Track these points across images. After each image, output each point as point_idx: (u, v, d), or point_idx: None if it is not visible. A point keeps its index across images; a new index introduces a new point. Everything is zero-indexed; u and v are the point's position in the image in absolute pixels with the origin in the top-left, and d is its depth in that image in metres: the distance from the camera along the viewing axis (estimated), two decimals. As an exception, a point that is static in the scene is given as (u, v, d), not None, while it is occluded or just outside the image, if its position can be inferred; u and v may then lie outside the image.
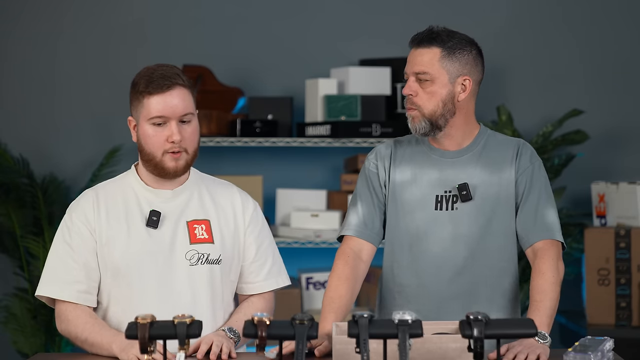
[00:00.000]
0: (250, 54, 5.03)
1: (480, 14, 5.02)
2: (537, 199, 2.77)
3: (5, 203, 4.77)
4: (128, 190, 2.75)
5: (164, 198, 2.74)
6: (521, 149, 2.81)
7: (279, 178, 4.95)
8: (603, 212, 4.64)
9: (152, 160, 2.69)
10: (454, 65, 2.74)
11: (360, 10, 5.05)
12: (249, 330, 2.23)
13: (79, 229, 2.71)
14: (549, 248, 2.72)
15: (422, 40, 2.75)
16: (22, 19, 5.04)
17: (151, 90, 2.65)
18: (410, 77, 2.75)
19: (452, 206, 2.77)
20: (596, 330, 4.30)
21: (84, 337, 2.66)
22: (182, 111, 2.67)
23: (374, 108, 4.67)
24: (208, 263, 2.73)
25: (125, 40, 5.03)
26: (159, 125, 2.67)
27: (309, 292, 4.78)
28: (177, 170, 2.70)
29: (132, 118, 2.72)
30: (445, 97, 2.74)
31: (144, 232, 2.70)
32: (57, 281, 2.69)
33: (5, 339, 4.87)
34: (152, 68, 2.71)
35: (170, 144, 2.67)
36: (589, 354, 2.41)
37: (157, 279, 2.68)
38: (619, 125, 5.04)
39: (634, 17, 5.04)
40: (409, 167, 2.82)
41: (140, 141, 2.70)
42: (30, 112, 5.05)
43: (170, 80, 2.67)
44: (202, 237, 2.74)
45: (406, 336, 2.15)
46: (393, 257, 2.85)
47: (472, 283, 2.78)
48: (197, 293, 2.70)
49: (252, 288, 2.84)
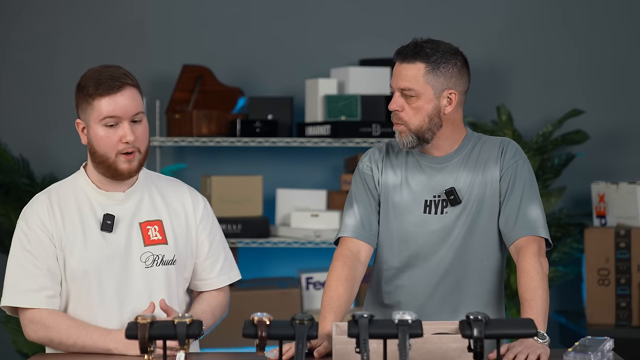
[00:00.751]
0: (250, 54, 5.03)
1: (480, 14, 5.02)
2: (520, 196, 2.77)
3: (5, 203, 4.77)
4: (80, 194, 2.74)
5: (116, 200, 2.73)
6: (506, 147, 2.82)
7: (279, 178, 4.95)
8: (603, 212, 4.64)
9: (105, 162, 2.68)
10: (438, 80, 2.73)
11: (361, 10, 5.05)
12: (249, 330, 2.23)
13: (37, 235, 2.68)
14: (530, 245, 2.72)
15: (407, 55, 2.74)
16: (22, 19, 5.04)
17: (102, 92, 2.64)
18: (396, 93, 2.75)
19: (442, 210, 2.79)
20: (596, 330, 4.30)
21: (72, 342, 2.65)
22: (133, 111, 2.67)
23: (374, 108, 4.67)
24: (163, 264, 2.73)
25: (125, 41, 5.03)
26: (111, 127, 2.66)
27: (309, 292, 4.78)
28: (130, 171, 2.69)
29: (81, 121, 2.71)
30: (432, 112, 2.74)
31: (99, 236, 2.69)
32: (24, 290, 2.66)
33: (5, 339, 4.87)
34: (98, 69, 2.70)
35: (124, 144, 2.66)
36: (589, 354, 2.41)
37: (115, 283, 2.68)
38: (619, 125, 5.04)
39: (634, 18, 5.04)
40: (400, 171, 2.85)
41: (92, 143, 2.69)
42: (30, 112, 5.05)
43: (119, 81, 2.66)
44: (156, 238, 2.74)
45: (406, 336, 2.15)
46: (382, 258, 2.87)
47: (457, 283, 2.80)
48: (155, 294, 2.70)
49: (206, 285, 2.85)
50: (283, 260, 5.00)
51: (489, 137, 2.87)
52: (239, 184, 4.70)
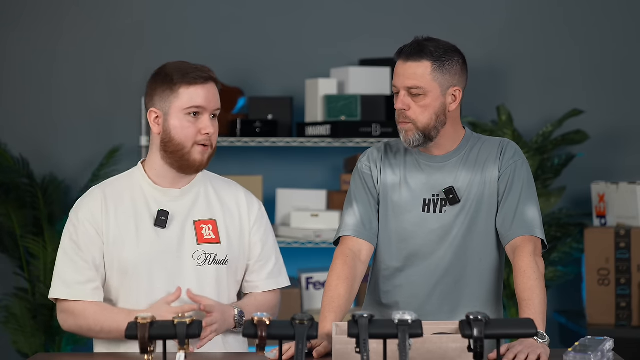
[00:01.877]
0: (250, 54, 5.03)
1: (480, 14, 5.02)
2: (518, 196, 2.77)
3: (5, 203, 4.77)
4: (135, 189, 2.74)
5: (171, 197, 2.74)
6: (505, 148, 2.82)
7: (279, 178, 4.95)
8: (603, 212, 4.64)
9: (179, 151, 2.68)
10: (445, 77, 2.74)
11: (361, 10, 5.05)
12: (249, 330, 2.23)
13: (86, 228, 2.70)
14: (526, 244, 2.72)
15: (411, 53, 2.74)
16: (22, 20, 5.04)
17: (190, 81, 2.66)
18: (402, 92, 2.75)
19: (441, 209, 2.79)
20: (596, 330, 4.30)
21: (99, 328, 2.66)
22: (216, 105, 2.71)
23: (374, 108, 4.67)
24: (215, 263, 2.73)
25: (125, 41, 5.03)
26: (194, 116, 2.68)
27: (309, 292, 4.78)
28: (202, 163, 2.71)
29: (156, 110, 2.70)
30: (438, 109, 2.75)
31: (152, 231, 2.70)
32: (70, 282, 2.69)
33: (5, 339, 4.87)
34: (180, 62, 2.72)
35: (204, 136, 2.68)
36: (589, 354, 2.41)
37: (166, 280, 2.69)
38: (619, 125, 5.04)
39: (634, 17, 5.04)
40: (399, 170, 2.85)
41: (169, 132, 2.68)
42: (30, 112, 5.05)
43: (207, 74, 2.70)
44: (209, 237, 2.74)
45: (406, 336, 2.16)
46: (380, 258, 2.87)
47: (457, 282, 2.80)
48: (205, 293, 2.70)
49: (252, 287, 2.85)
50: (283, 260, 5.00)
51: (489, 138, 2.88)
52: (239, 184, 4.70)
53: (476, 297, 2.82)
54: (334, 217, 4.64)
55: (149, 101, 2.72)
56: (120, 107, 5.01)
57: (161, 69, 2.72)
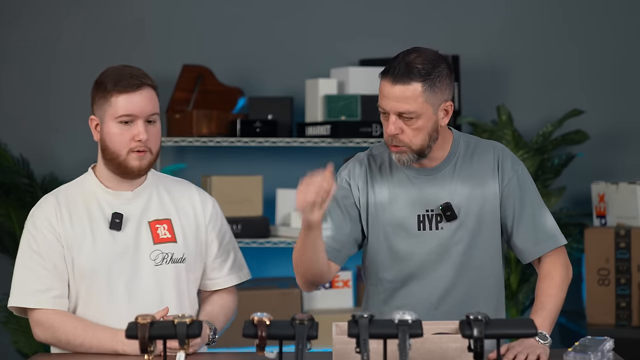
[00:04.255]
0: (250, 54, 5.03)
1: (480, 14, 5.02)
2: (532, 209, 2.73)
3: (5, 203, 4.77)
4: (88, 193, 2.75)
5: (124, 199, 2.74)
6: (500, 158, 2.74)
7: (279, 178, 4.95)
8: (603, 212, 4.64)
9: (115, 159, 2.69)
10: (436, 95, 2.62)
11: (360, 9, 5.05)
12: (249, 330, 2.23)
13: (44, 235, 2.70)
14: (557, 256, 2.72)
15: (399, 75, 2.61)
16: (22, 19, 5.03)
17: (120, 89, 2.66)
18: (392, 116, 2.63)
19: (437, 226, 2.71)
20: (596, 330, 4.30)
21: (79, 342, 2.66)
22: (150, 111, 2.69)
23: (374, 108, 4.62)
24: (173, 262, 2.74)
25: (125, 41, 5.03)
26: (126, 124, 2.67)
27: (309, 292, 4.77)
28: (140, 169, 2.70)
29: (95, 117, 2.72)
30: (431, 129, 2.65)
31: (107, 234, 2.70)
32: (31, 290, 2.68)
33: (5, 339, 4.87)
34: (118, 68, 2.71)
35: (137, 143, 2.67)
36: (589, 354, 2.41)
37: (125, 281, 2.69)
38: (619, 125, 5.04)
39: (634, 17, 5.04)
40: (386, 187, 2.75)
41: (105, 140, 2.70)
42: (30, 112, 5.05)
43: (139, 80, 2.67)
44: (165, 236, 2.74)
45: (406, 336, 2.16)
46: (377, 279, 2.79)
47: (459, 300, 2.74)
48: (164, 292, 2.71)
49: (215, 284, 2.86)
50: (283, 260, 4.99)
51: (479, 142, 2.78)
52: (239, 184, 4.70)
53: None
54: (334, 217, 4.63)
55: (92, 108, 2.74)
56: (120, 107, 5.01)
57: (100, 76, 2.72)
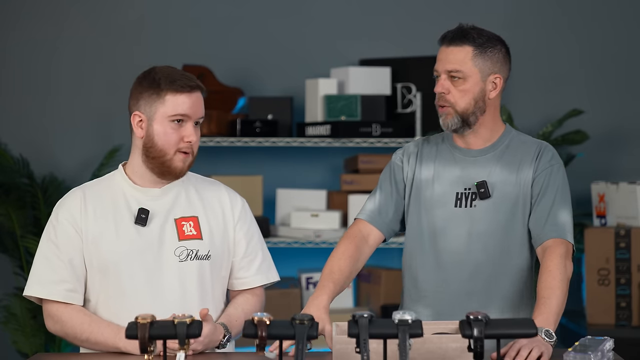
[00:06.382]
0: (250, 54, 5.03)
1: (480, 14, 5.02)
2: (552, 200, 2.78)
3: (5, 203, 4.77)
4: (116, 189, 2.75)
5: (152, 196, 2.74)
6: (542, 151, 2.84)
7: (279, 178, 4.95)
8: (603, 212, 4.64)
9: (161, 157, 2.69)
10: (485, 63, 2.78)
11: (361, 10, 5.05)
12: (249, 330, 2.23)
13: (65, 227, 2.71)
14: (557, 246, 2.72)
15: (454, 38, 2.78)
16: (21, 20, 5.04)
17: (177, 88, 2.67)
18: (442, 75, 2.78)
19: (471, 203, 2.80)
20: (596, 330, 4.30)
21: (84, 337, 2.66)
22: (200, 114, 2.72)
23: (374, 108, 4.67)
24: (197, 259, 2.73)
25: (125, 40, 5.04)
26: (178, 123, 2.68)
27: (309, 292, 4.78)
28: (182, 170, 2.72)
29: (140, 113, 2.70)
30: (477, 95, 2.78)
31: (132, 229, 2.70)
32: (44, 281, 2.69)
33: (5, 339, 4.87)
34: (168, 67, 2.72)
35: (185, 144, 2.69)
36: (589, 354, 2.41)
37: (147, 276, 2.68)
38: (619, 125, 5.04)
39: (634, 17, 5.04)
40: (432, 165, 2.87)
41: (152, 137, 2.69)
42: (30, 112, 5.05)
43: (194, 82, 2.70)
44: (191, 233, 2.74)
45: (406, 336, 2.15)
46: (412, 255, 2.88)
47: (488, 281, 2.79)
48: (187, 289, 2.70)
49: (242, 283, 2.85)
50: (283, 260, 4.98)
51: (528, 137, 2.90)
52: (239, 184, 4.67)
53: (507, 298, 2.80)
54: (334, 217, 4.64)
55: (133, 104, 2.72)
56: (120, 107, 4.97)
57: (148, 73, 2.72)
